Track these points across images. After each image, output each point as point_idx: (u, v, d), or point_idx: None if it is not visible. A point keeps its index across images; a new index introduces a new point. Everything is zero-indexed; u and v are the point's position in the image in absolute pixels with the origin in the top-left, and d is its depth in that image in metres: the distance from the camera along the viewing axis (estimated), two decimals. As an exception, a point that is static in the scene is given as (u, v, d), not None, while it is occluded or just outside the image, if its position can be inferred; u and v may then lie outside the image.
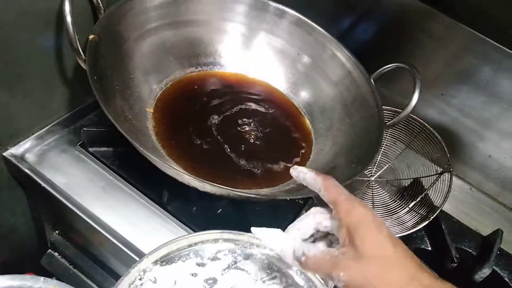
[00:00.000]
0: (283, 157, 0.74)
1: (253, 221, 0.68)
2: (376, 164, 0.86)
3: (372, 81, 0.75)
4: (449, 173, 0.79)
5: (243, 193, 0.57)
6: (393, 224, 0.77)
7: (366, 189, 0.83)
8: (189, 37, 0.80)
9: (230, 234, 0.53)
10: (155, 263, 0.49)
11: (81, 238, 0.80)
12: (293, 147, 0.77)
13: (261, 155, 0.73)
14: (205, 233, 0.52)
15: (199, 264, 0.51)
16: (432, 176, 0.82)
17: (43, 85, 0.67)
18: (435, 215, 0.74)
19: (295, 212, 0.75)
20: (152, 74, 0.74)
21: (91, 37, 0.60)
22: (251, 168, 0.71)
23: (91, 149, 0.71)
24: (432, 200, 0.78)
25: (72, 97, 0.73)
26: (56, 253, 0.85)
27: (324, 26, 0.80)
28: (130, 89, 0.69)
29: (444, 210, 0.78)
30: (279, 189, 0.70)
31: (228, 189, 0.55)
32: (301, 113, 0.82)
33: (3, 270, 0.58)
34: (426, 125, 0.82)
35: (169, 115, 0.73)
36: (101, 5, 0.66)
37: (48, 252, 0.85)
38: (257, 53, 0.84)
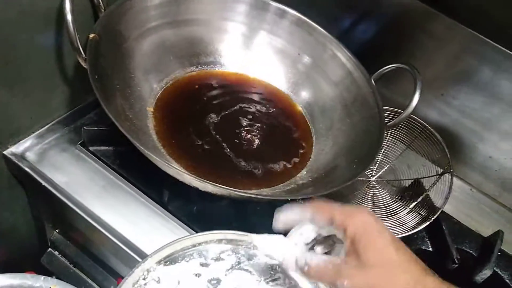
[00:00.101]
0: (283, 157, 0.74)
1: (254, 221, 0.68)
2: (376, 164, 0.86)
3: (372, 81, 0.75)
4: (450, 174, 0.79)
5: (244, 194, 0.57)
6: (394, 225, 0.77)
7: (366, 189, 0.83)
8: (189, 36, 0.80)
9: (234, 234, 0.52)
10: (159, 263, 0.49)
11: (81, 237, 0.80)
12: (293, 147, 0.77)
13: (261, 155, 0.73)
14: (209, 233, 0.52)
15: (202, 264, 0.51)
16: (432, 176, 0.82)
17: (43, 84, 0.67)
18: (435, 216, 0.74)
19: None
20: (152, 73, 0.74)
21: (92, 36, 0.60)
22: (251, 168, 0.71)
23: (91, 148, 0.71)
24: (432, 201, 0.78)
25: (72, 96, 0.73)
26: (56, 252, 0.85)
27: (324, 26, 0.80)
28: (130, 88, 0.69)
29: (444, 211, 0.78)
30: (280, 189, 0.70)
31: (229, 189, 0.55)
32: (301, 113, 0.82)
33: (3, 269, 0.58)
34: (426, 125, 0.82)
35: (170, 114, 0.73)
36: (101, 3, 0.66)
37: (48, 251, 0.85)
38: (258, 53, 0.84)
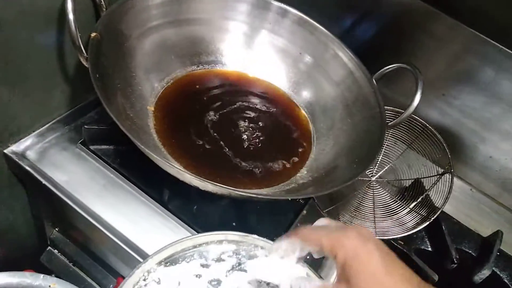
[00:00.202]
0: (283, 156, 0.74)
1: (254, 220, 0.68)
2: (377, 164, 0.86)
3: (374, 81, 0.75)
4: (450, 174, 0.79)
5: (245, 193, 0.57)
6: (394, 224, 0.77)
7: (367, 189, 0.83)
8: (190, 35, 0.79)
9: (234, 235, 0.52)
10: (159, 263, 0.49)
11: (81, 235, 0.80)
12: (294, 147, 0.77)
13: (261, 154, 0.73)
14: (210, 234, 0.52)
15: (203, 265, 0.50)
16: (433, 176, 0.82)
17: (44, 83, 0.67)
18: (435, 216, 0.74)
19: (295, 211, 0.75)
20: (153, 72, 0.74)
21: (93, 35, 0.60)
22: (251, 167, 0.71)
23: (92, 147, 0.71)
24: (432, 200, 0.78)
25: (73, 95, 0.73)
26: (55, 251, 0.85)
27: (326, 25, 0.80)
28: (131, 87, 0.69)
29: (444, 211, 0.78)
30: (280, 189, 0.70)
31: (229, 189, 0.55)
32: (302, 113, 0.82)
33: (2, 267, 0.58)
34: (427, 125, 0.82)
35: (170, 113, 0.73)
36: (103, 3, 0.66)
37: (47, 249, 0.85)
38: (259, 52, 0.84)
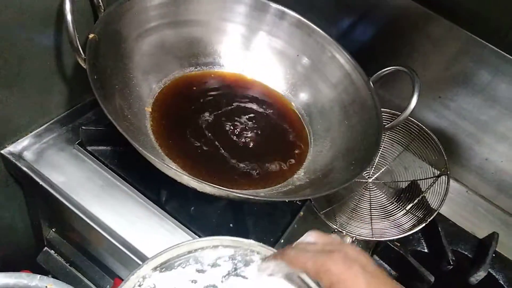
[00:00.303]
0: (280, 158, 0.74)
1: (251, 221, 0.69)
2: (374, 166, 0.86)
3: (371, 83, 0.75)
4: (446, 176, 0.79)
5: (242, 195, 0.57)
6: (390, 226, 0.77)
7: (363, 190, 0.83)
8: (188, 37, 0.80)
9: (230, 240, 0.52)
10: (154, 269, 0.48)
11: (78, 236, 0.80)
12: (291, 148, 0.77)
13: (258, 156, 0.73)
14: (206, 239, 0.51)
15: (199, 270, 0.50)
16: (429, 178, 0.82)
17: (41, 84, 0.67)
18: (432, 218, 0.74)
19: (293, 212, 0.75)
20: (151, 73, 0.74)
21: (91, 36, 0.60)
22: (248, 169, 0.71)
23: (89, 148, 0.71)
24: (429, 202, 0.78)
25: (70, 96, 0.73)
26: (52, 251, 0.85)
27: (324, 28, 0.80)
28: (129, 88, 0.69)
29: (440, 212, 0.78)
30: (277, 190, 0.70)
31: (227, 190, 0.55)
32: (300, 114, 0.82)
33: (-1, 267, 0.58)
34: (423, 127, 0.82)
35: (168, 114, 0.73)
36: (101, 4, 0.66)
37: (44, 249, 0.85)
38: (257, 54, 0.84)
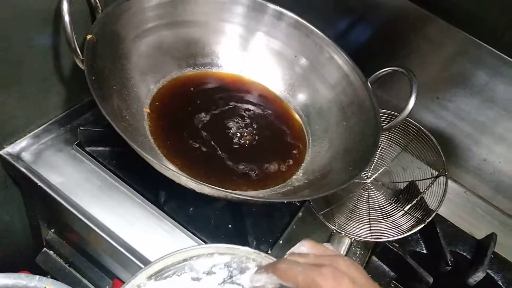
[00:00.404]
0: (279, 159, 0.74)
1: (250, 223, 0.68)
2: (372, 166, 0.86)
3: (369, 84, 0.75)
4: (445, 176, 0.80)
5: (241, 196, 0.57)
6: (389, 227, 0.77)
7: (362, 191, 0.83)
8: (186, 37, 0.80)
9: (226, 248, 0.51)
10: (149, 278, 0.48)
11: (76, 237, 0.80)
12: (289, 149, 0.77)
13: (257, 156, 0.73)
14: (201, 247, 0.51)
15: (194, 278, 0.49)
16: (427, 179, 0.82)
17: (39, 84, 0.67)
18: (430, 219, 0.75)
19: (291, 213, 0.75)
20: (149, 74, 0.74)
21: (89, 37, 0.60)
22: (247, 169, 0.71)
23: (87, 149, 0.71)
24: (427, 203, 0.78)
25: (68, 96, 0.73)
26: (51, 252, 0.85)
27: (321, 28, 0.80)
28: (127, 89, 0.69)
29: (439, 213, 0.79)
30: (276, 191, 0.70)
31: (225, 191, 0.55)
32: (298, 116, 0.82)
33: (-3, 268, 0.58)
34: (422, 128, 0.82)
35: (166, 115, 0.73)
36: (98, 5, 0.66)
37: (43, 250, 0.85)
38: (255, 55, 0.84)
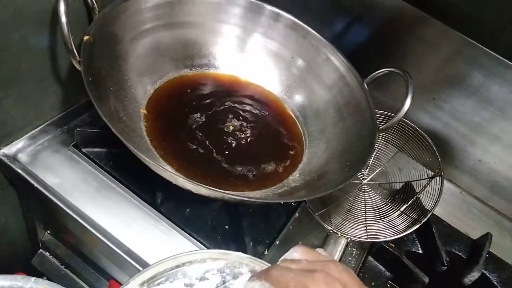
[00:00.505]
0: (276, 159, 0.74)
1: (246, 223, 0.69)
2: (368, 167, 0.86)
3: (365, 85, 0.76)
4: (440, 177, 0.80)
5: (237, 196, 0.57)
6: (385, 227, 0.77)
7: (358, 192, 0.84)
8: (183, 38, 0.80)
9: (219, 253, 0.51)
10: (142, 285, 0.48)
11: (73, 238, 0.80)
12: (286, 150, 0.77)
13: (254, 157, 0.73)
14: (193, 252, 0.51)
15: (187, 285, 0.49)
16: (423, 179, 0.83)
17: (36, 85, 0.66)
18: (426, 219, 0.75)
19: (288, 214, 0.75)
20: (146, 75, 0.74)
21: (86, 38, 0.60)
22: (244, 170, 0.71)
23: (84, 150, 0.71)
24: (423, 203, 0.79)
25: (65, 97, 0.73)
26: (47, 253, 0.85)
27: (318, 30, 0.81)
28: (124, 90, 0.69)
29: (435, 213, 0.79)
30: (272, 192, 0.70)
31: (222, 192, 0.55)
32: (294, 116, 0.83)
33: (-7, 270, 0.58)
34: (418, 129, 0.83)
35: (163, 116, 0.73)
36: (95, 5, 0.66)
37: (39, 252, 0.85)
38: (252, 56, 0.84)
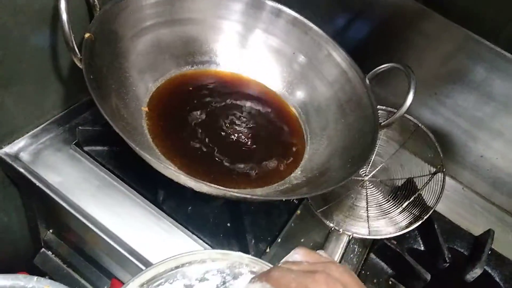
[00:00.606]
0: (277, 157, 0.74)
1: (248, 221, 0.69)
2: (370, 164, 0.86)
3: (367, 81, 0.75)
4: (442, 173, 0.80)
5: (239, 194, 0.57)
6: (387, 224, 0.77)
7: (360, 188, 0.84)
8: (184, 35, 0.79)
9: (218, 253, 0.51)
10: (141, 286, 0.47)
11: (75, 237, 0.80)
12: (288, 147, 0.77)
13: (255, 155, 0.73)
14: (193, 253, 0.51)
15: (187, 285, 0.49)
16: (425, 176, 0.82)
17: (37, 84, 0.66)
18: (428, 215, 0.75)
19: (290, 211, 0.75)
20: (147, 72, 0.74)
21: (87, 35, 0.60)
22: (245, 168, 0.71)
23: (86, 148, 0.70)
24: (425, 200, 0.79)
25: (66, 95, 0.73)
26: (49, 252, 0.85)
27: (320, 25, 0.80)
28: (125, 87, 0.69)
29: (436, 210, 0.79)
30: (274, 189, 0.70)
31: (224, 190, 0.55)
32: (296, 113, 0.82)
33: (-5, 269, 0.58)
34: (419, 125, 0.83)
35: (165, 114, 0.72)
36: (96, 3, 0.66)
37: (41, 251, 0.85)
38: (253, 52, 0.84)
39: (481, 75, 0.81)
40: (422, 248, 0.81)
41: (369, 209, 0.80)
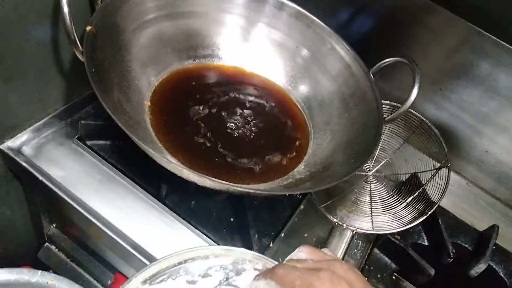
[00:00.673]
0: (281, 151, 0.74)
1: (251, 216, 0.68)
2: (374, 158, 0.86)
3: (371, 75, 0.75)
4: (447, 168, 0.79)
5: (242, 189, 0.56)
6: (391, 219, 0.77)
7: (364, 183, 0.83)
8: (187, 28, 0.79)
9: (221, 249, 0.51)
10: (144, 282, 0.47)
11: (78, 231, 0.80)
12: (291, 142, 0.76)
13: (258, 149, 0.73)
14: (196, 249, 0.50)
15: (189, 281, 0.49)
16: (429, 171, 0.82)
17: (39, 78, 0.66)
18: (432, 211, 0.74)
19: (293, 206, 0.75)
20: (149, 66, 0.73)
21: (88, 28, 0.59)
22: (248, 162, 0.70)
23: (88, 142, 0.70)
24: (429, 195, 0.78)
25: (69, 89, 0.72)
26: (53, 247, 0.85)
27: (323, 19, 0.80)
28: (127, 81, 0.68)
29: (441, 205, 0.78)
30: (278, 184, 0.70)
31: (227, 184, 0.55)
32: (299, 107, 0.82)
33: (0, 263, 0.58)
34: (424, 120, 0.82)
35: (167, 108, 0.72)
36: (98, -4, 0.65)
37: (45, 245, 0.85)
38: (256, 46, 0.83)
39: (486, 70, 0.80)
40: (426, 243, 0.80)
41: (373, 204, 0.80)
